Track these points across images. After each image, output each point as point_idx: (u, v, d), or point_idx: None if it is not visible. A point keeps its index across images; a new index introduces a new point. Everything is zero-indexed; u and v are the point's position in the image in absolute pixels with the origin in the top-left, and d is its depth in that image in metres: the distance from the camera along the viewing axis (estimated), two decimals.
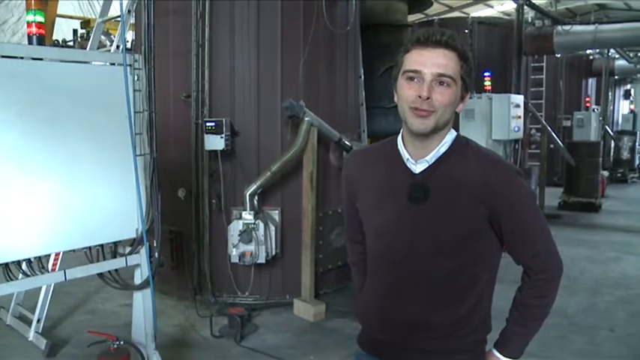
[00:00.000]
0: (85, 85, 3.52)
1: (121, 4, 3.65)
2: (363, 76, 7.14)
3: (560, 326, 5.41)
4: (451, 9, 19.47)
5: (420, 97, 1.78)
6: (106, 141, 3.62)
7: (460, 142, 1.94)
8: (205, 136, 5.68)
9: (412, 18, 18.81)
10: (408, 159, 1.92)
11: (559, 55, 13.59)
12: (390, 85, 1.97)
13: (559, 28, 11.34)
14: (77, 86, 3.47)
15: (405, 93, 1.82)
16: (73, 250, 3.58)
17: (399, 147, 1.96)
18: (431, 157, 1.89)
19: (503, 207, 1.86)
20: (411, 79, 1.81)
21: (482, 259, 1.95)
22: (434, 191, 1.88)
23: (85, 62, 3.58)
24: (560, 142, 11.99)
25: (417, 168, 1.91)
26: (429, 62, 1.79)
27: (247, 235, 5.43)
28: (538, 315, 1.99)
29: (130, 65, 3.63)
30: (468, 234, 1.88)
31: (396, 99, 1.91)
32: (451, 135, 1.93)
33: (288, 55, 5.96)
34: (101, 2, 5.35)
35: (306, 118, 5.67)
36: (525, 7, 10.18)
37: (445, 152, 1.90)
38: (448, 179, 1.88)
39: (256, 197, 5.60)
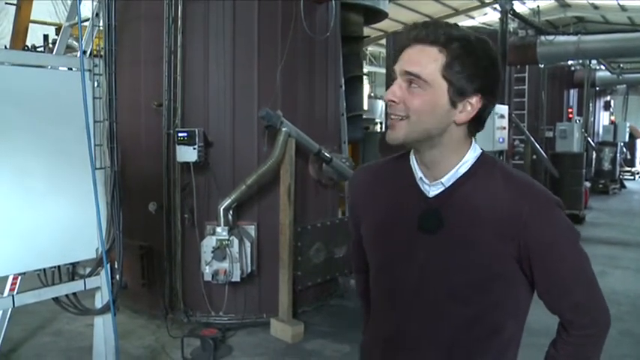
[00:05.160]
0: (39, 91, 3.24)
1: (78, 6, 3.35)
2: (344, 86, 6.88)
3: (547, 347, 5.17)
4: (432, 19, 19.52)
5: (393, 100, 1.50)
6: (62, 153, 3.33)
7: (486, 162, 1.59)
8: (177, 147, 5.41)
9: (394, 28, 18.88)
10: (421, 178, 1.60)
11: (542, 65, 13.52)
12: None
13: (542, 38, 11.24)
14: (30, 92, 3.19)
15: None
16: (24, 273, 3.26)
17: (411, 163, 1.64)
18: (447, 179, 1.56)
19: (537, 246, 1.51)
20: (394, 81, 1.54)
21: (507, 305, 1.60)
22: (450, 220, 1.55)
23: (40, 66, 3.28)
24: (543, 154, 11.89)
25: (431, 191, 1.59)
26: (403, 60, 1.51)
27: (221, 252, 5.17)
28: None
29: (90, 70, 3.34)
30: (489, 275, 1.54)
31: None
32: (473, 152, 1.59)
33: (265, 62, 5.69)
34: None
35: (283, 129, 5.42)
36: (509, 17, 10.05)
37: (465, 173, 1.57)
38: (468, 207, 1.54)
39: (231, 212, 5.34)
